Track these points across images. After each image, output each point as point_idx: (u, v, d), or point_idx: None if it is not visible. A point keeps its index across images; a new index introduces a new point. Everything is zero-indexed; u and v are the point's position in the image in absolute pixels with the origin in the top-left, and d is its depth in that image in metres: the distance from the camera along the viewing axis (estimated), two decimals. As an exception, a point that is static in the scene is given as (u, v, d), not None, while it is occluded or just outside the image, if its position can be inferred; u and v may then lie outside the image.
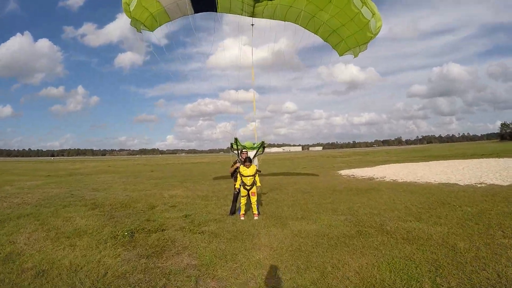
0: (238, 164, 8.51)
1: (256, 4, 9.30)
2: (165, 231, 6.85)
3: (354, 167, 25.85)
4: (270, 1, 9.14)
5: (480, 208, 7.92)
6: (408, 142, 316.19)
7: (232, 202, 8.73)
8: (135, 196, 12.36)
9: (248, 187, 8.18)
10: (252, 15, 9.61)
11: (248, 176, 8.17)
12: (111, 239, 6.36)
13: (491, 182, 11.99)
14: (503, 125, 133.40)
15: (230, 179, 9.28)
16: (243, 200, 8.17)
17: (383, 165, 26.00)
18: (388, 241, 5.60)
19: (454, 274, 4.14)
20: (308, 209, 8.72)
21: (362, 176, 17.87)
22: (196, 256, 5.28)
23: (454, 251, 4.95)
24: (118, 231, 6.79)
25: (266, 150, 9.55)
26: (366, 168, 24.36)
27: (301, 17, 9.45)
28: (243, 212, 8.09)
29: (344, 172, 21.85)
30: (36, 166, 47.28)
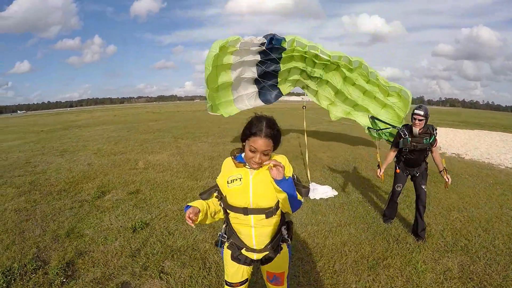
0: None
1: (308, 82, 7.79)
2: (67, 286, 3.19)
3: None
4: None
5: None
6: (430, 102, 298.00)
7: (388, 202, 4.72)
8: (98, 165, 8.78)
9: (258, 255, 2.03)
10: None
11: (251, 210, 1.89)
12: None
13: None
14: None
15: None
16: None
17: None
18: None
19: None
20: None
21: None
22: None
23: None
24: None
25: (285, 98, 7.22)
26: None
27: None
28: None
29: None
30: (39, 119, 43.02)
